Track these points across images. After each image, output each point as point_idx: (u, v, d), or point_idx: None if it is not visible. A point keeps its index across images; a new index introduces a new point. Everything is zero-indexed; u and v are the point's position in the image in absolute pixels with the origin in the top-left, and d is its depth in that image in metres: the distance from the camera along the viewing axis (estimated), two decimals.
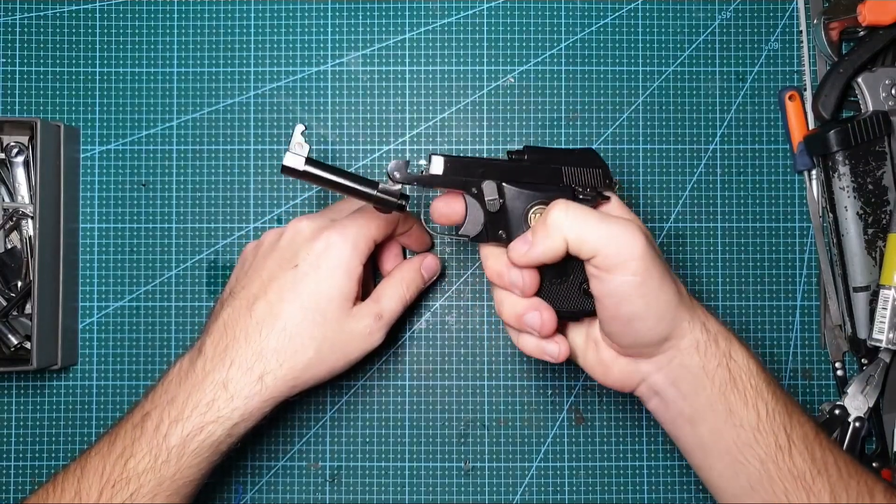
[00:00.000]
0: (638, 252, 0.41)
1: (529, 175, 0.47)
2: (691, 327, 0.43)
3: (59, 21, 0.59)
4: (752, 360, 0.44)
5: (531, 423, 0.59)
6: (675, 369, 0.44)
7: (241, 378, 0.45)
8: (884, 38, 0.56)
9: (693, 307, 0.44)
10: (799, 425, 0.43)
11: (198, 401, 0.45)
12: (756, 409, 0.43)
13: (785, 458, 0.42)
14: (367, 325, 0.48)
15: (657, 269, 0.42)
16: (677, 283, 0.44)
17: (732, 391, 0.43)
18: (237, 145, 0.59)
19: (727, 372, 0.43)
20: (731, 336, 0.45)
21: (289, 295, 0.47)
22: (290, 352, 0.46)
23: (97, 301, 0.59)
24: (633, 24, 0.60)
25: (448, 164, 0.46)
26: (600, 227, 0.42)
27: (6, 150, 0.57)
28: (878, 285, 0.55)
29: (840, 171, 0.56)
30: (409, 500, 0.58)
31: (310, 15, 0.60)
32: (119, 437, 0.45)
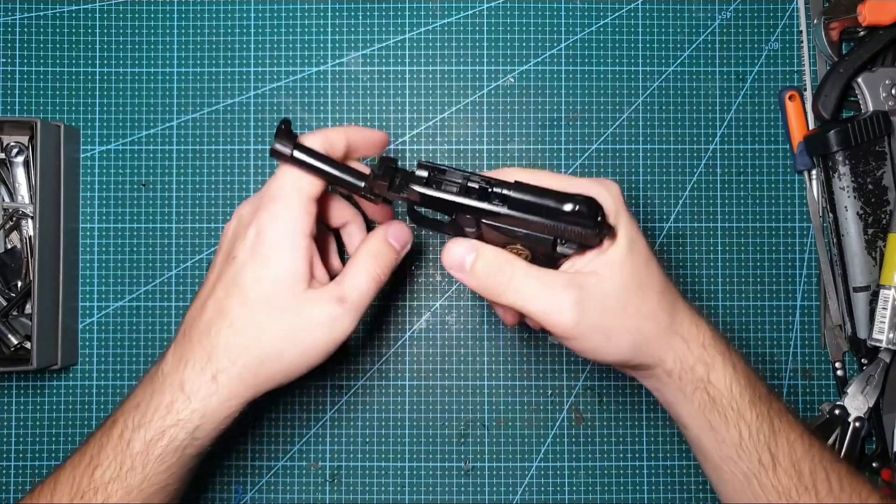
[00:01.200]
0: (568, 324, 0.41)
1: (509, 222, 0.42)
2: (661, 360, 0.43)
3: (59, 21, 0.59)
4: (736, 381, 0.43)
5: (531, 423, 0.59)
6: (655, 382, 0.45)
7: (196, 379, 0.43)
8: (884, 38, 0.56)
9: (669, 340, 0.43)
10: (787, 443, 0.43)
11: (157, 404, 0.43)
12: (738, 428, 0.43)
13: (769, 475, 0.42)
14: (328, 311, 0.43)
15: (599, 330, 0.42)
16: (644, 325, 0.42)
17: (712, 412, 0.43)
18: (237, 145, 0.59)
19: (706, 395, 0.43)
20: (716, 359, 0.43)
21: (233, 289, 0.43)
22: (241, 348, 0.43)
23: (97, 301, 0.59)
24: (633, 24, 0.60)
25: (426, 196, 0.42)
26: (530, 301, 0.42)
27: (6, 150, 0.57)
28: (878, 285, 0.55)
29: (840, 171, 0.56)
30: (409, 500, 0.58)
31: (310, 15, 0.60)
32: (89, 445, 0.44)
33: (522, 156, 0.59)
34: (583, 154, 0.59)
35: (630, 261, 0.42)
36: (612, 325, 0.42)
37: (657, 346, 0.43)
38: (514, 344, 0.59)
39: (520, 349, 0.59)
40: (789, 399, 0.59)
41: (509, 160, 0.59)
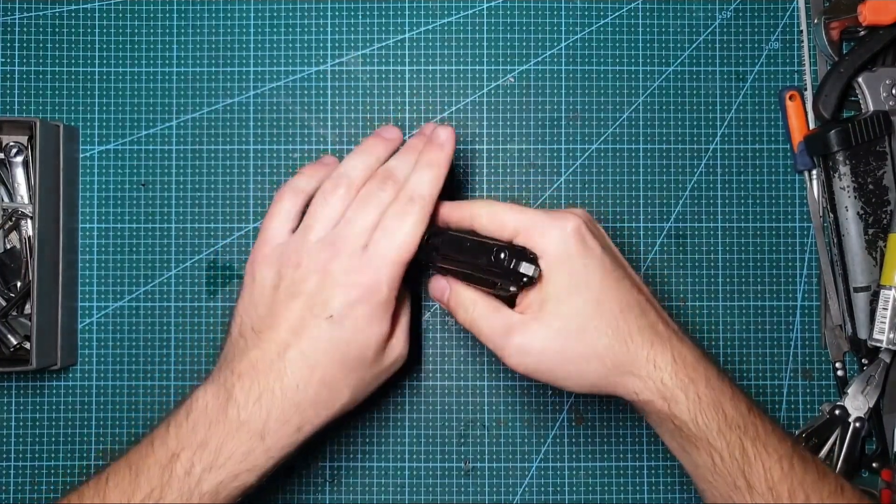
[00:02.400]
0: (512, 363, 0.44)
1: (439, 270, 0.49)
2: (625, 389, 0.44)
3: (59, 21, 0.59)
4: (700, 413, 0.42)
5: (531, 423, 0.59)
6: (627, 399, 0.46)
7: (279, 430, 0.43)
8: (884, 38, 0.56)
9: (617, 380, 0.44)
10: (762, 469, 0.42)
11: (233, 450, 0.42)
12: (710, 454, 0.43)
13: (745, 497, 0.42)
14: (399, 354, 0.48)
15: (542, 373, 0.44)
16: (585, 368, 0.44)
17: (681, 438, 0.44)
18: (237, 145, 0.59)
19: (671, 424, 0.43)
20: (676, 393, 0.43)
21: (324, 345, 0.44)
22: (328, 401, 0.45)
23: (97, 301, 0.59)
24: (633, 24, 0.60)
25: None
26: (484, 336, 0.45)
27: (5, 150, 0.57)
28: (878, 285, 0.55)
29: (840, 171, 0.56)
30: (409, 500, 0.58)
31: (310, 15, 0.60)
32: (143, 474, 0.42)
33: (522, 156, 0.59)
34: (583, 154, 0.59)
35: (574, 300, 0.43)
36: (552, 367, 0.44)
37: (606, 384, 0.44)
38: None
39: None
40: (789, 399, 0.59)
41: (509, 160, 0.59)
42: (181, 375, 0.58)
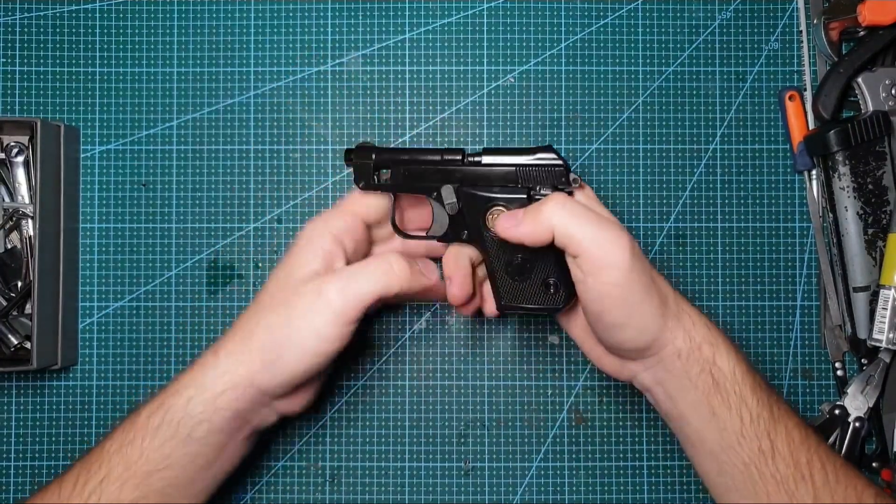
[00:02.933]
0: (623, 261, 0.42)
1: (485, 179, 0.49)
2: (673, 336, 0.44)
3: (59, 21, 0.59)
4: (738, 365, 0.44)
5: (531, 423, 0.59)
6: (659, 371, 0.45)
7: (203, 355, 0.46)
8: (884, 38, 0.56)
9: (679, 314, 0.45)
10: (785, 431, 0.43)
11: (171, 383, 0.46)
12: (739, 414, 0.43)
13: (768, 463, 0.42)
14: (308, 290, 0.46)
15: (641, 281, 0.43)
16: (663, 292, 0.45)
17: (716, 396, 0.44)
18: (237, 145, 0.59)
19: (710, 377, 0.44)
20: (719, 342, 0.45)
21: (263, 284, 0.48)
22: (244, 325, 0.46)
23: (97, 301, 0.59)
24: (633, 24, 0.60)
25: (405, 171, 0.49)
26: (589, 227, 0.43)
27: (6, 150, 0.57)
28: (878, 285, 0.55)
29: (840, 171, 0.56)
30: (409, 500, 0.58)
31: (310, 15, 0.60)
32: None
33: None
34: (583, 154, 0.59)
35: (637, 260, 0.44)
36: (647, 283, 0.43)
37: (670, 318, 0.44)
38: (514, 344, 0.59)
39: (520, 349, 0.59)
40: (789, 399, 0.59)
41: None
42: None
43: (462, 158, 0.49)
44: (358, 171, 0.50)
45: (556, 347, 0.59)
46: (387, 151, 0.50)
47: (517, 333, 0.59)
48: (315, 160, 0.59)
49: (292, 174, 0.59)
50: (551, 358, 0.59)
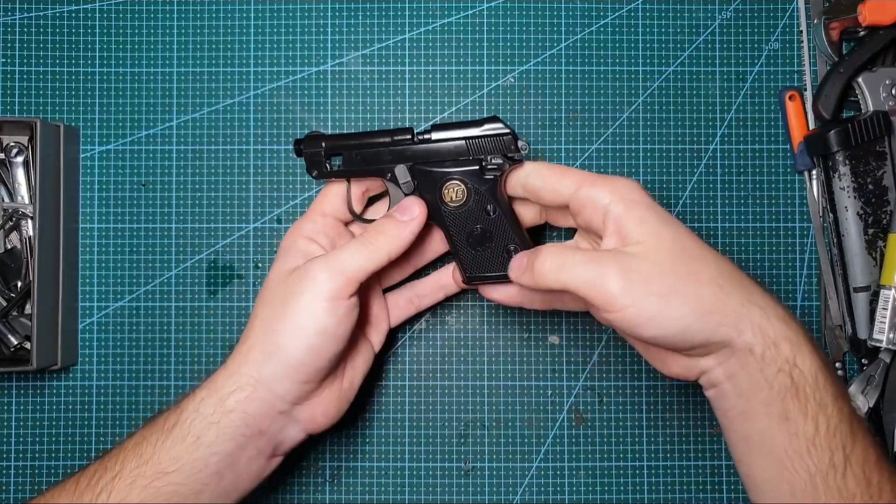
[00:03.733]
0: (615, 290, 0.40)
1: (437, 155, 0.49)
2: (739, 331, 0.40)
3: (59, 21, 0.59)
4: (821, 371, 0.41)
5: (531, 423, 0.59)
6: (732, 366, 0.42)
7: (220, 369, 0.46)
8: (884, 38, 0.56)
9: (742, 309, 0.41)
10: (862, 448, 0.40)
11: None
12: (815, 421, 0.40)
13: (836, 477, 0.40)
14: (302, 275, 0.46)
15: (655, 293, 0.40)
16: (706, 288, 0.41)
17: (793, 399, 0.40)
18: (237, 145, 0.59)
19: (789, 379, 0.40)
20: (801, 340, 0.41)
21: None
22: (247, 330, 0.47)
23: (97, 301, 0.59)
24: (633, 24, 0.60)
25: (357, 156, 0.50)
26: (576, 276, 0.42)
27: (6, 150, 0.57)
28: (878, 285, 0.55)
29: (840, 171, 0.56)
30: (409, 500, 0.58)
31: (310, 15, 0.60)
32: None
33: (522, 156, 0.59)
34: (583, 154, 0.59)
35: (670, 232, 0.42)
36: (662, 291, 0.40)
37: (728, 314, 0.40)
38: (514, 344, 0.59)
39: (520, 349, 0.59)
40: None
41: None
42: (181, 375, 0.58)
43: (412, 137, 0.50)
44: (309, 161, 0.50)
45: (556, 347, 0.59)
46: (336, 138, 0.50)
47: (517, 333, 0.59)
48: None
49: (292, 174, 0.59)
50: (551, 358, 0.59)
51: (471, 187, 0.49)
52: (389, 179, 0.50)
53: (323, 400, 0.47)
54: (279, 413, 0.45)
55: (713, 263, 0.42)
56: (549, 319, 0.59)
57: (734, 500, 0.58)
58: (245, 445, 0.44)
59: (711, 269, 0.42)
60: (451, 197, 0.49)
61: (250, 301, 0.59)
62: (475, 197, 0.49)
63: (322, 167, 0.50)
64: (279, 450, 0.47)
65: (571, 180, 0.45)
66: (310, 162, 0.51)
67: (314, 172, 0.51)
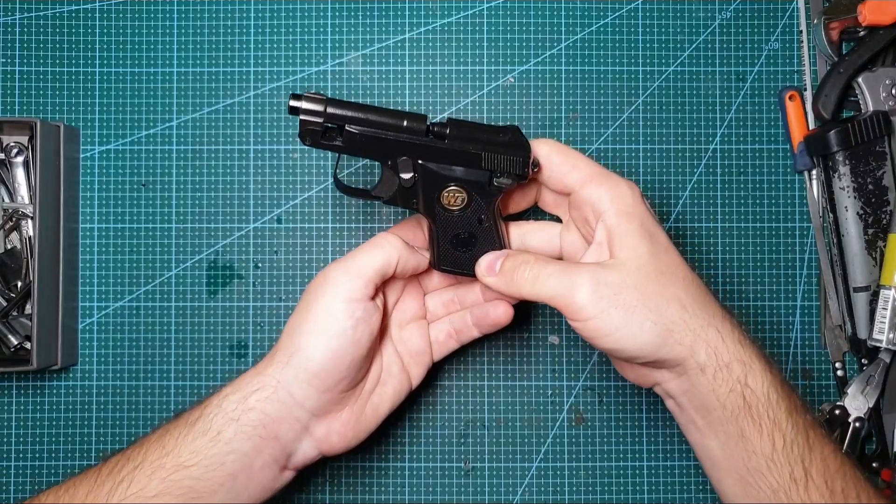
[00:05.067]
0: (582, 301, 0.42)
1: (448, 157, 0.47)
2: (692, 351, 0.42)
3: (59, 21, 0.59)
4: (773, 388, 0.42)
5: (531, 423, 0.59)
6: (685, 382, 0.43)
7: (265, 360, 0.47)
8: (884, 38, 0.56)
9: (701, 331, 0.42)
10: (820, 458, 0.41)
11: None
12: (772, 438, 0.41)
13: (799, 491, 0.40)
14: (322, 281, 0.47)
15: (620, 306, 0.42)
16: (670, 307, 0.42)
17: (746, 418, 0.41)
18: (237, 145, 0.59)
19: (741, 398, 0.41)
20: (753, 360, 0.42)
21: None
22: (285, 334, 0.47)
23: (97, 301, 0.59)
24: (633, 24, 0.60)
25: (360, 136, 0.45)
26: (547, 286, 0.43)
27: (6, 150, 0.57)
28: (878, 285, 0.55)
29: (840, 171, 0.56)
30: (409, 500, 0.58)
31: (310, 15, 0.60)
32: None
33: None
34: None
35: (647, 247, 0.43)
36: (631, 304, 0.42)
37: (687, 333, 0.42)
38: (514, 344, 0.59)
39: (520, 349, 0.59)
40: None
41: None
42: (181, 375, 0.58)
43: (426, 130, 0.46)
44: (304, 128, 0.45)
45: (556, 347, 0.59)
46: (340, 106, 0.45)
47: (517, 333, 0.59)
48: (315, 160, 0.59)
49: (292, 174, 0.59)
50: (551, 358, 0.59)
51: (472, 197, 0.48)
52: (389, 166, 0.47)
53: (341, 419, 0.47)
54: (296, 419, 0.45)
55: (682, 283, 0.43)
56: (549, 319, 0.59)
57: None
58: (261, 448, 0.45)
59: (679, 288, 0.43)
60: (450, 201, 0.48)
61: (250, 301, 0.59)
62: (473, 206, 0.48)
63: (317, 137, 0.45)
64: (291, 462, 0.47)
65: (579, 176, 0.46)
66: (304, 129, 0.45)
67: (307, 141, 0.45)
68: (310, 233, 0.59)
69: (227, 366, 0.59)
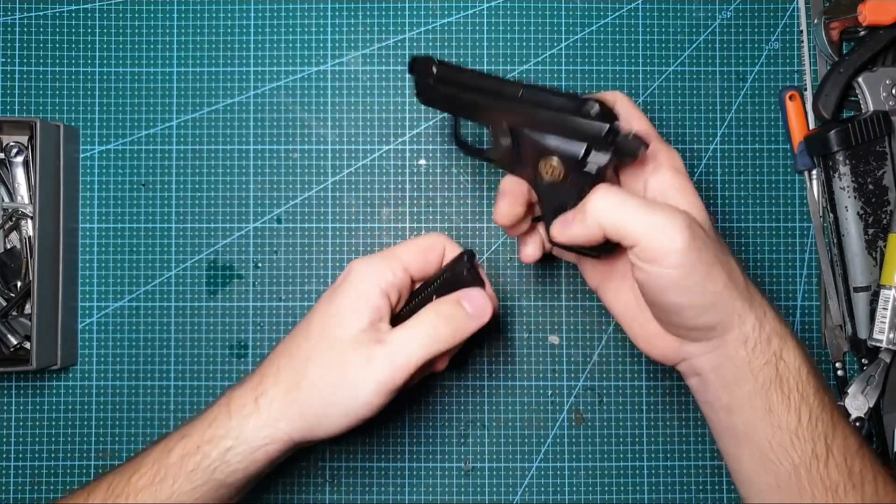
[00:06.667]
0: (679, 246, 0.39)
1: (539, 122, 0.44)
2: (741, 321, 0.41)
3: (59, 21, 0.59)
4: (804, 364, 0.42)
5: (531, 423, 0.59)
6: (719, 357, 0.42)
7: (241, 398, 0.44)
8: (884, 38, 0.56)
9: (751, 299, 0.42)
10: (842, 437, 0.41)
11: (203, 417, 0.44)
12: (798, 413, 0.41)
13: (819, 467, 0.41)
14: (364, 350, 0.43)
15: (703, 261, 0.40)
16: (732, 273, 0.42)
17: (776, 391, 0.41)
18: (237, 145, 0.59)
19: (774, 371, 0.41)
20: (788, 335, 0.42)
21: (302, 326, 0.46)
22: (288, 374, 0.44)
23: (97, 301, 0.59)
24: (633, 24, 0.60)
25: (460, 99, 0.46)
26: (639, 218, 0.40)
27: (6, 150, 0.57)
28: (878, 285, 0.55)
29: (840, 171, 0.56)
30: (409, 500, 0.58)
31: (310, 15, 0.60)
32: (145, 449, 0.45)
33: None
34: None
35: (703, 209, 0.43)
36: (709, 261, 0.40)
37: (740, 300, 0.41)
38: (514, 344, 0.59)
39: (520, 349, 0.59)
40: None
41: None
42: (181, 375, 0.58)
43: (519, 92, 0.44)
44: (418, 85, 0.48)
45: (556, 347, 0.59)
46: (448, 70, 0.47)
47: (517, 333, 0.59)
48: (315, 160, 0.59)
49: (292, 174, 0.59)
50: (551, 358, 0.59)
51: (569, 169, 0.44)
52: (492, 131, 0.46)
53: None
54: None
55: (730, 251, 0.43)
56: (549, 319, 0.59)
57: (734, 500, 0.58)
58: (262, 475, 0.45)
59: (730, 256, 0.43)
60: (548, 171, 0.44)
61: (250, 301, 0.59)
62: (573, 178, 0.44)
63: (429, 93, 0.47)
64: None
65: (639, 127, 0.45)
66: (419, 87, 0.48)
67: (422, 98, 0.48)
68: (310, 233, 0.59)
69: (227, 366, 0.59)
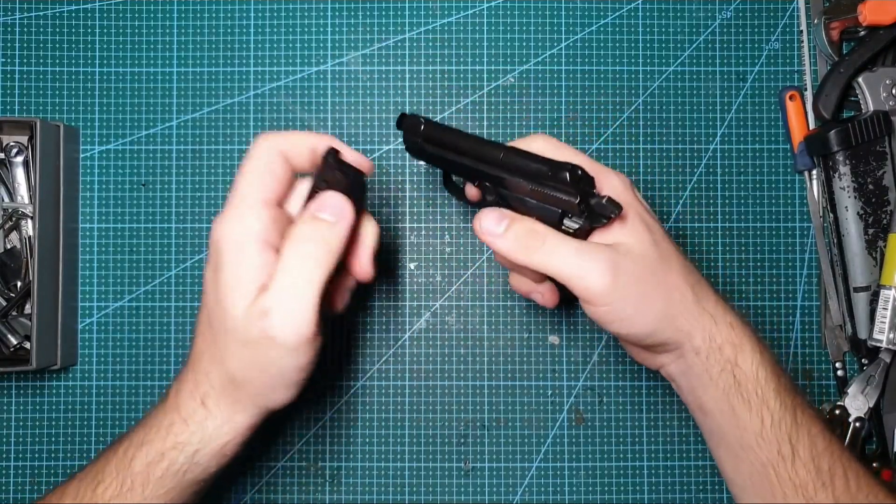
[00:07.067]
0: (601, 289, 0.41)
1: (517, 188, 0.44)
2: (689, 336, 0.43)
3: (59, 21, 0.59)
4: (762, 367, 0.43)
5: (531, 423, 0.59)
6: (682, 365, 0.45)
7: (188, 404, 0.42)
8: (884, 38, 0.56)
9: (699, 315, 0.43)
10: (807, 436, 0.42)
11: (159, 424, 0.42)
12: (760, 416, 0.43)
13: (787, 467, 0.42)
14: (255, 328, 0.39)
15: (634, 293, 0.42)
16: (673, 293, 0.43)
17: (737, 396, 0.43)
18: (237, 145, 0.59)
19: (731, 377, 0.43)
20: (744, 342, 0.43)
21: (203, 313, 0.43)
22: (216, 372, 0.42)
23: (97, 301, 0.59)
24: (633, 24, 0.60)
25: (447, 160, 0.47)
26: (567, 261, 0.42)
27: (6, 150, 0.57)
28: (878, 285, 0.55)
29: (840, 171, 0.56)
30: (409, 500, 0.58)
31: (310, 15, 0.60)
32: (99, 460, 0.44)
33: None
34: None
35: (649, 234, 0.44)
36: (641, 292, 0.42)
37: (685, 319, 0.43)
38: (514, 344, 0.59)
39: (520, 349, 0.59)
40: None
41: None
42: None
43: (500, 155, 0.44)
44: (406, 141, 0.49)
45: (556, 347, 0.59)
46: (433, 129, 0.47)
47: (517, 333, 0.59)
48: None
49: None
50: (551, 358, 0.59)
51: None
52: (477, 186, 0.47)
53: None
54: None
55: (681, 269, 0.44)
56: (549, 319, 0.59)
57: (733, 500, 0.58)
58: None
59: (679, 274, 0.44)
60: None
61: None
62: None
63: (417, 150, 0.48)
64: None
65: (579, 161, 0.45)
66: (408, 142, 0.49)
67: (411, 153, 0.49)
68: None
69: None
